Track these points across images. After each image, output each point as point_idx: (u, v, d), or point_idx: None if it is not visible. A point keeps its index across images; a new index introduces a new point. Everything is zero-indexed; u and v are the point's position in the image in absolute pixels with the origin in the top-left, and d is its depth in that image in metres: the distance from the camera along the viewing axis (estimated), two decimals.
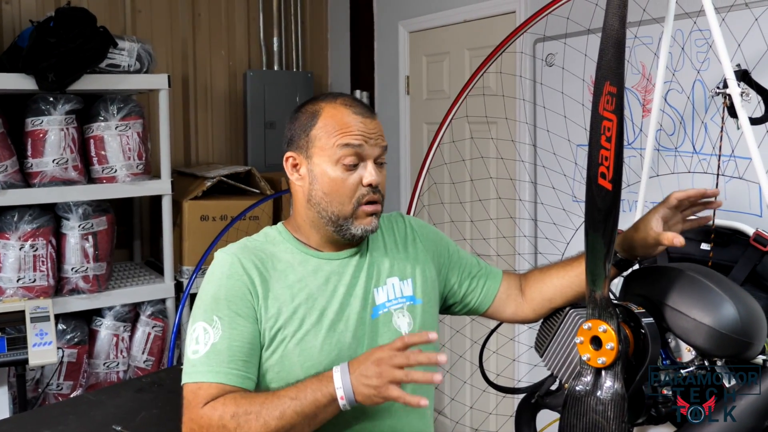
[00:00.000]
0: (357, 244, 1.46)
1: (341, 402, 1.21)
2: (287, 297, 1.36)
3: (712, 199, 1.41)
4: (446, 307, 1.62)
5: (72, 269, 2.96)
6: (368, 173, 1.37)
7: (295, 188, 1.44)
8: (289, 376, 1.33)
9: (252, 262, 1.37)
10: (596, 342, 1.35)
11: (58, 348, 2.77)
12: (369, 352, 1.23)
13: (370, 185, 1.37)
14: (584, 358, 1.37)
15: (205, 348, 1.30)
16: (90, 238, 2.98)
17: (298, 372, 1.33)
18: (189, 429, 1.27)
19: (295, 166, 1.42)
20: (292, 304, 1.36)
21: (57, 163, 2.89)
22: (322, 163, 1.37)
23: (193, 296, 2.80)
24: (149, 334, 3.17)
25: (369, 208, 1.38)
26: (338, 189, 1.37)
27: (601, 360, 1.34)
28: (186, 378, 1.30)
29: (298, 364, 1.33)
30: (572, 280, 1.51)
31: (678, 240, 1.32)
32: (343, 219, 1.38)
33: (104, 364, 3.10)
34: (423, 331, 1.43)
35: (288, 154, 1.43)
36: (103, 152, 3.00)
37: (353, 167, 1.37)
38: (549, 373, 1.59)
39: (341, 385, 1.20)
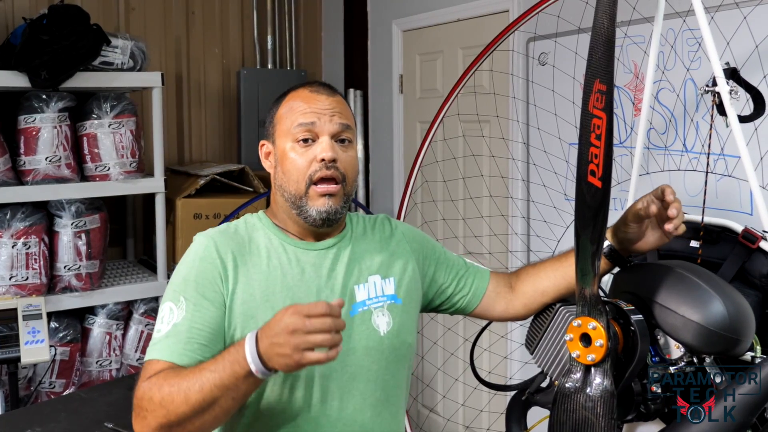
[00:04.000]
0: (335, 234, 1.45)
1: (257, 375, 1.15)
2: (261, 284, 1.35)
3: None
4: (434, 307, 1.61)
5: (65, 267, 2.95)
6: (320, 148, 1.36)
7: (270, 175, 1.47)
8: None
9: (228, 246, 1.37)
10: (586, 339, 1.36)
11: (51, 346, 2.77)
12: (280, 316, 1.14)
13: (323, 160, 1.36)
14: (574, 355, 1.37)
15: (167, 328, 1.30)
16: (83, 236, 2.97)
17: None
18: (133, 402, 1.27)
19: (268, 154, 1.46)
20: (265, 292, 1.35)
21: (50, 160, 2.88)
22: (282, 144, 1.40)
23: None
24: (142, 332, 3.17)
25: (320, 188, 1.36)
26: (293, 166, 1.38)
27: (591, 357, 1.35)
28: (146, 356, 1.31)
29: None
30: (566, 271, 1.50)
31: (653, 209, 1.33)
32: (299, 199, 1.38)
33: (97, 362, 3.10)
34: (399, 330, 1.44)
35: (262, 141, 1.48)
36: (96, 150, 3.00)
37: (305, 141, 1.37)
38: (540, 370, 1.60)
39: (252, 359, 1.14)
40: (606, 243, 1.47)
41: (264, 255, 1.39)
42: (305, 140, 1.37)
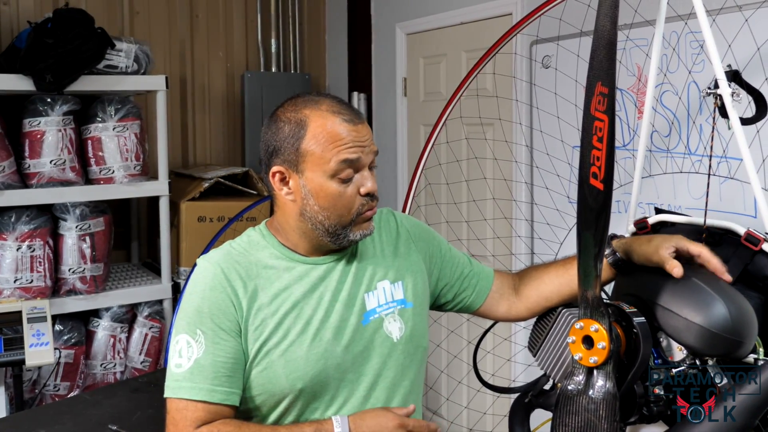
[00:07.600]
0: (346, 248, 1.44)
1: None
2: (272, 307, 1.34)
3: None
4: (438, 305, 1.61)
5: (69, 270, 2.96)
6: (367, 182, 1.34)
7: (282, 201, 1.38)
8: (275, 387, 1.32)
9: (236, 272, 1.34)
10: (588, 341, 1.36)
11: (55, 349, 2.78)
12: (375, 414, 1.32)
13: (368, 194, 1.34)
14: (576, 358, 1.37)
15: (189, 363, 1.28)
16: (87, 239, 2.98)
17: (283, 383, 1.32)
18: None
19: (283, 180, 1.35)
20: (277, 315, 1.33)
21: (54, 163, 2.89)
22: (317, 177, 1.32)
23: None
24: (146, 335, 3.17)
25: (369, 215, 1.36)
26: (337, 203, 1.33)
27: (593, 359, 1.34)
28: (170, 392, 1.29)
29: (284, 375, 1.31)
30: (571, 278, 1.50)
31: (678, 271, 1.34)
32: (341, 228, 1.35)
33: (101, 365, 3.10)
34: (412, 334, 1.45)
35: (276, 168, 1.35)
36: (100, 153, 3.01)
37: (350, 180, 1.33)
38: (542, 372, 1.60)
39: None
40: (614, 252, 1.47)
41: (272, 275, 1.36)
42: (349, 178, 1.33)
